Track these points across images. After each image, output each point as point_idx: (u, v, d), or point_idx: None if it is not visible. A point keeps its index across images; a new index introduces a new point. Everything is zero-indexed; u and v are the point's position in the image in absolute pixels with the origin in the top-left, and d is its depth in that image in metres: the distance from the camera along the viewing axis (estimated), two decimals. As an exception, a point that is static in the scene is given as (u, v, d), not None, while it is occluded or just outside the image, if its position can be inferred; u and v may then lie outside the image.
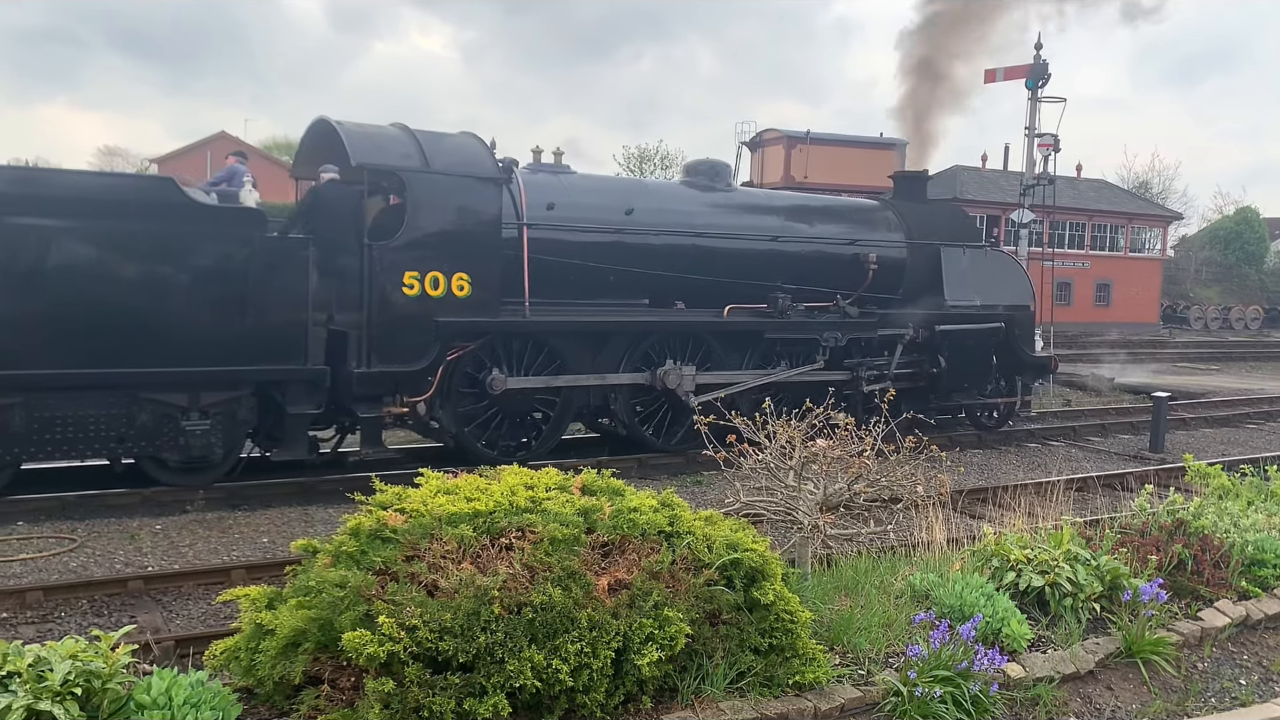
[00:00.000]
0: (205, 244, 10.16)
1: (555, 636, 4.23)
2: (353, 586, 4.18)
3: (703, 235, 13.62)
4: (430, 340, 11.27)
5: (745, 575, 4.87)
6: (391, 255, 11.05)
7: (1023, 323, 16.37)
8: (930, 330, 15.22)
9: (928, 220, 16.19)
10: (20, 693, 3.53)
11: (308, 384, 10.76)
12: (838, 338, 14.40)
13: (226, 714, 3.87)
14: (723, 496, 10.12)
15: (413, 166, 11.26)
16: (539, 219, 12.29)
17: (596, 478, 5.33)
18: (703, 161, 15.08)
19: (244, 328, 10.34)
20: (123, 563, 8.72)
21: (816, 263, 14.71)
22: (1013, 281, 16.68)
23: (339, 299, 10.91)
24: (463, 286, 11.44)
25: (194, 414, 10.27)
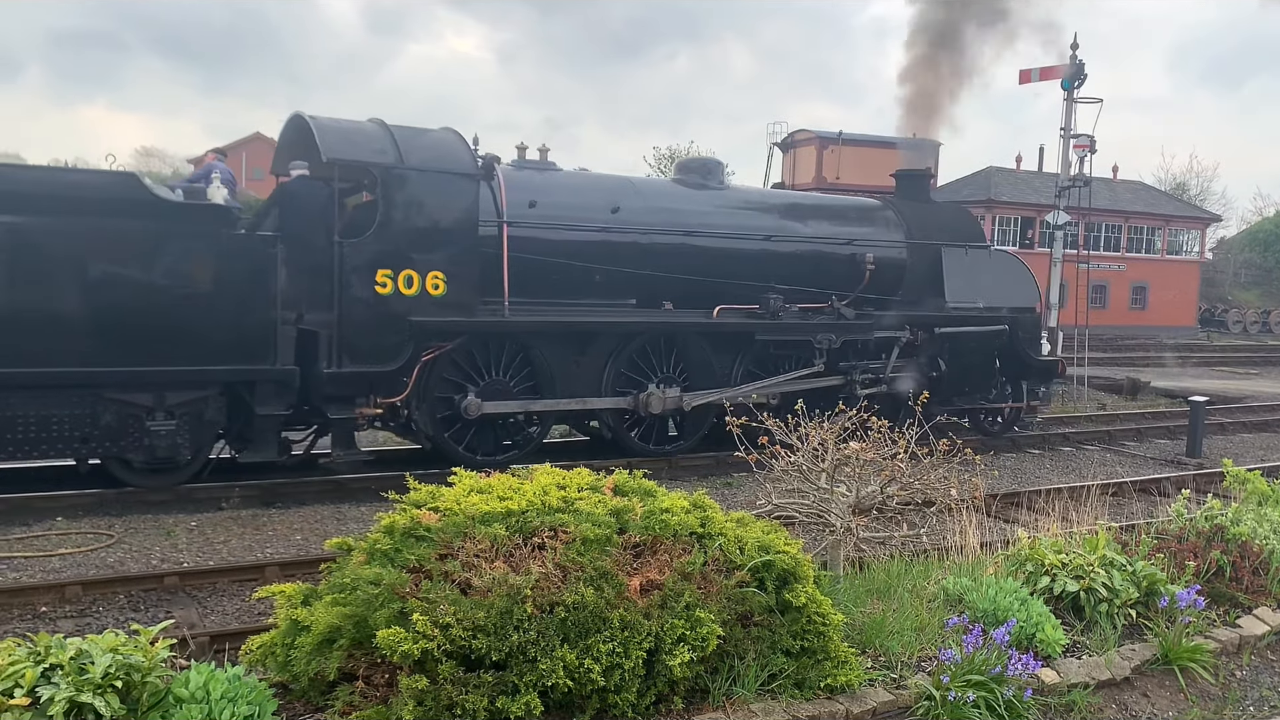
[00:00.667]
0: (169, 241, 9.95)
1: (587, 636, 4.24)
2: (387, 584, 4.21)
3: (692, 234, 13.32)
4: (404, 340, 11.03)
5: (777, 577, 4.86)
6: (363, 252, 10.81)
7: (1028, 325, 15.97)
8: (929, 333, 14.85)
9: (929, 220, 15.80)
10: (63, 685, 3.59)
11: (276, 384, 10.54)
12: (832, 339, 14.03)
13: (262, 709, 3.91)
14: (753, 498, 10.10)
15: (386, 162, 10.99)
16: (520, 217, 12.03)
17: (628, 478, 5.33)
18: (695, 159, 14.78)
19: (210, 326, 10.15)
20: (159, 558, 8.82)
21: (811, 263, 14.38)
22: (1018, 283, 16.23)
23: (309, 297, 10.67)
24: (438, 285, 11.18)
25: (159, 414, 10.06)
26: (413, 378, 11.27)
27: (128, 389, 9.93)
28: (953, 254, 15.53)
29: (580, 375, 12.55)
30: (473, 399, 11.72)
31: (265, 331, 10.44)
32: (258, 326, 10.40)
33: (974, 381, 15.15)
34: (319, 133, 10.87)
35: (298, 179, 11.00)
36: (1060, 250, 22.34)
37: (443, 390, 11.77)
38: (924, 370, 14.71)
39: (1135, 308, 47.36)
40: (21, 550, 8.81)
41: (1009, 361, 15.77)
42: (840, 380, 14.20)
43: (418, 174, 11.10)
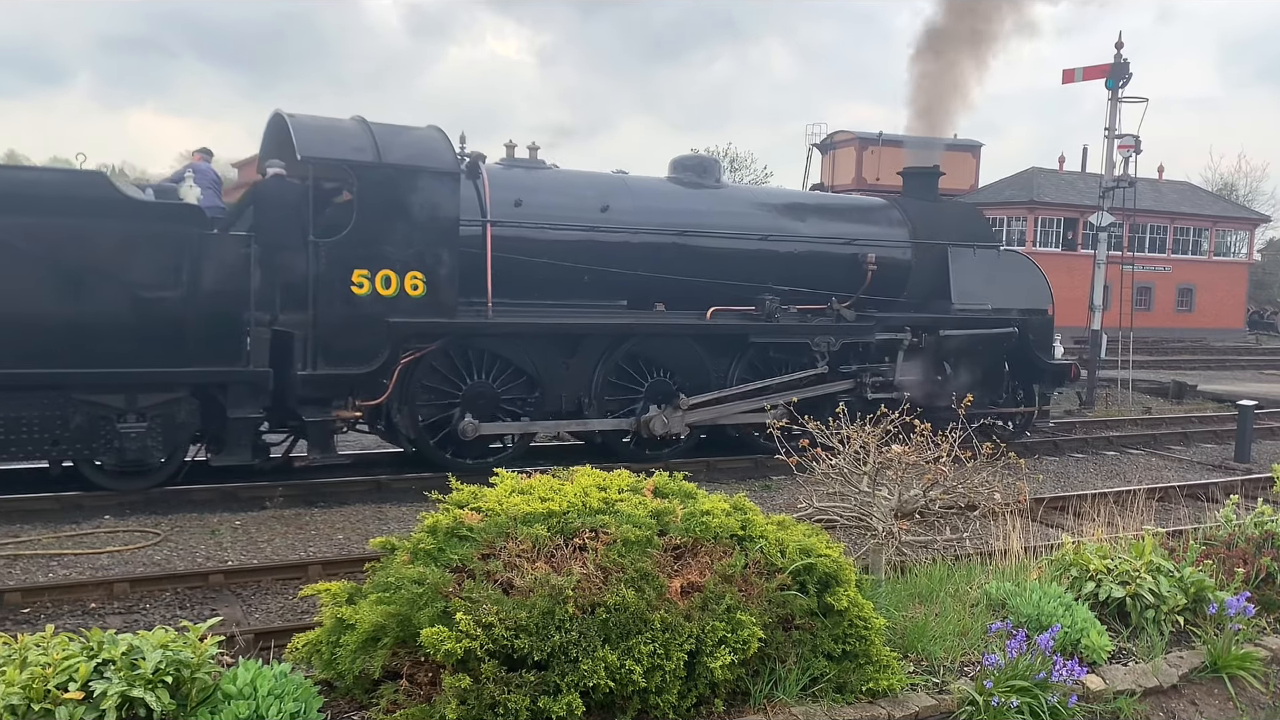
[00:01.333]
0: (139, 240, 9.83)
1: (628, 637, 4.25)
2: (431, 583, 4.24)
3: (685, 233, 13.05)
4: (381, 342, 10.83)
5: (819, 581, 4.84)
6: (339, 252, 10.62)
7: (1039, 327, 15.52)
8: (935, 335, 14.45)
9: (936, 219, 15.42)
10: (115, 680, 3.65)
11: (249, 386, 10.38)
12: (831, 342, 13.69)
13: (308, 706, 3.96)
14: (793, 501, 10.07)
15: (362, 160, 10.77)
16: (505, 216, 11.84)
17: (668, 480, 5.34)
18: (690, 157, 14.43)
19: (181, 327, 10.02)
20: (204, 556, 8.96)
21: (810, 263, 14.06)
22: (1028, 284, 15.80)
23: (283, 298, 10.53)
24: (417, 286, 10.97)
25: (130, 416, 9.93)
26: (393, 380, 11.08)
27: (97, 390, 9.80)
28: (960, 254, 15.16)
29: (569, 378, 12.33)
30: (470, 421, 11.58)
31: (237, 332, 10.28)
32: (230, 327, 10.25)
33: (981, 385, 14.55)
34: (295, 131, 10.70)
35: (272, 178, 10.87)
36: (1104, 252, 22.05)
37: (425, 393, 11.62)
38: (930, 374, 14.38)
39: (1181, 310, 46.66)
40: (72, 548, 8.99)
41: (1019, 365, 15.37)
42: (850, 384, 13.91)
43: (396, 172, 10.88)
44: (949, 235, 15.28)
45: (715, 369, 13.18)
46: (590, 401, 12.46)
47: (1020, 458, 6.77)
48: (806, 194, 17.98)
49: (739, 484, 12.39)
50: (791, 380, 13.51)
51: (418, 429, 11.59)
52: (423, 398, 11.59)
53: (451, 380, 11.76)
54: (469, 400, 11.73)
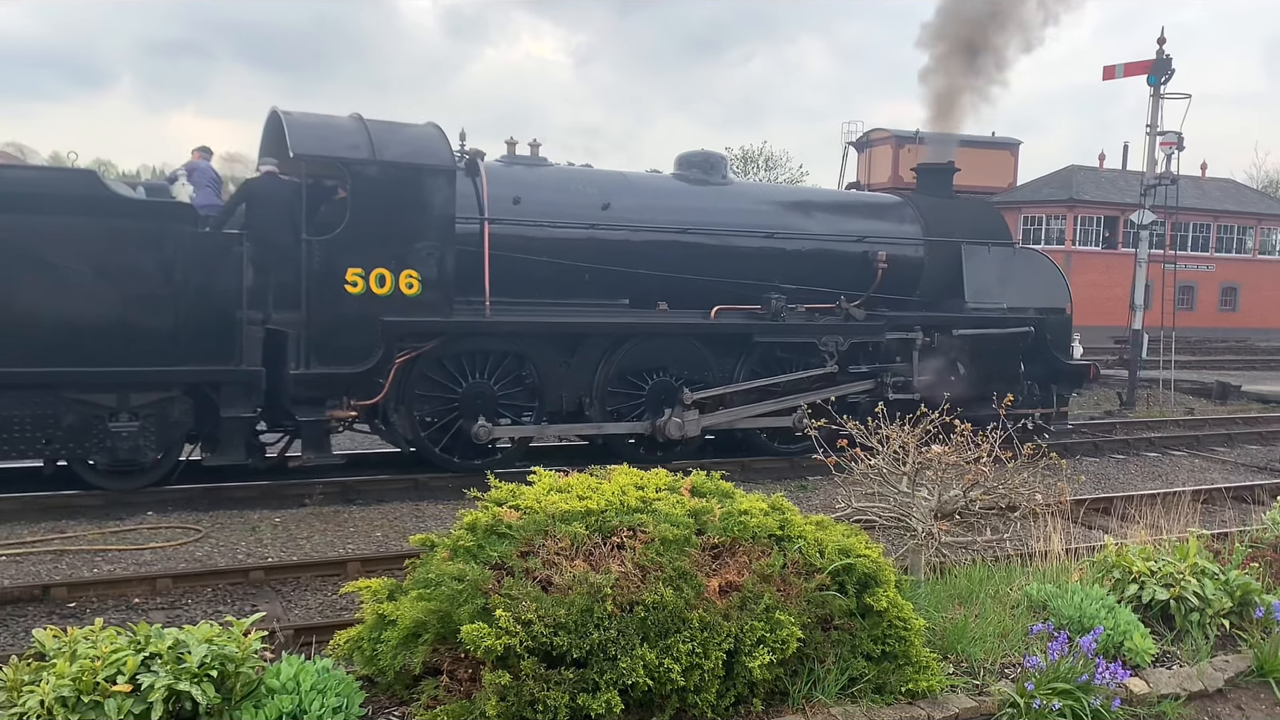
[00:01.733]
0: (130, 238, 9.81)
1: (667, 636, 4.25)
2: (470, 580, 4.26)
3: (688, 231, 12.85)
4: (375, 341, 10.73)
5: (858, 581, 4.81)
6: (332, 250, 10.53)
7: (1057, 327, 15.18)
8: (947, 335, 14.12)
9: (950, 216, 15.05)
10: (161, 673, 3.71)
11: (243, 386, 10.34)
12: (839, 342, 13.36)
13: (350, 701, 3.99)
14: (829, 501, 10.03)
15: (356, 157, 10.68)
16: (503, 214, 11.72)
17: (706, 479, 5.33)
18: (696, 153, 14.11)
19: (173, 326, 9.98)
20: (244, 553, 9.07)
21: (818, 261, 13.80)
22: (1046, 283, 15.45)
23: (276, 297, 10.47)
24: (411, 284, 10.83)
25: (123, 415, 9.91)
26: (389, 379, 10.99)
27: (89, 389, 9.80)
28: (974, 252, 14.82)
29: (570, 378, 12.17)
30: (483, 424, 11.47)
31: (230, 331, 10.25)
32: (222, 326, 10.21)
33: (996, 386, 14.00)
34: (289, 128, 10.64)
35: (264, 176, 10.87)
36: (1145, 251, 21.75)
37: (423, 393, 11.50)
38: (944, 374, 14.04)
39: (1225, 309, 45.95)
40: (116, 543, 9.13)
41: (1036, 365, 14.96)
42: (871, 384, 13.66)
43: (390, 169, 10.76)
44: (963, 232, 14.93)
45: (720, 369, 12.97)
46: (592, 402, 12.29)
47: (1061, 458, 6.68)
48: (815, 190, 17.61)
49: (775, 484, 12.34)
50: (805, 378, 13.31)
51: (415, 429, 11.50)
52: (420, 397, 11.47)
53: (450, 380, 11.63)
54: (467, 400, 11.60)
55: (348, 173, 10.66)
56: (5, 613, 7.34)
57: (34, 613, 7.36)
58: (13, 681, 3.75)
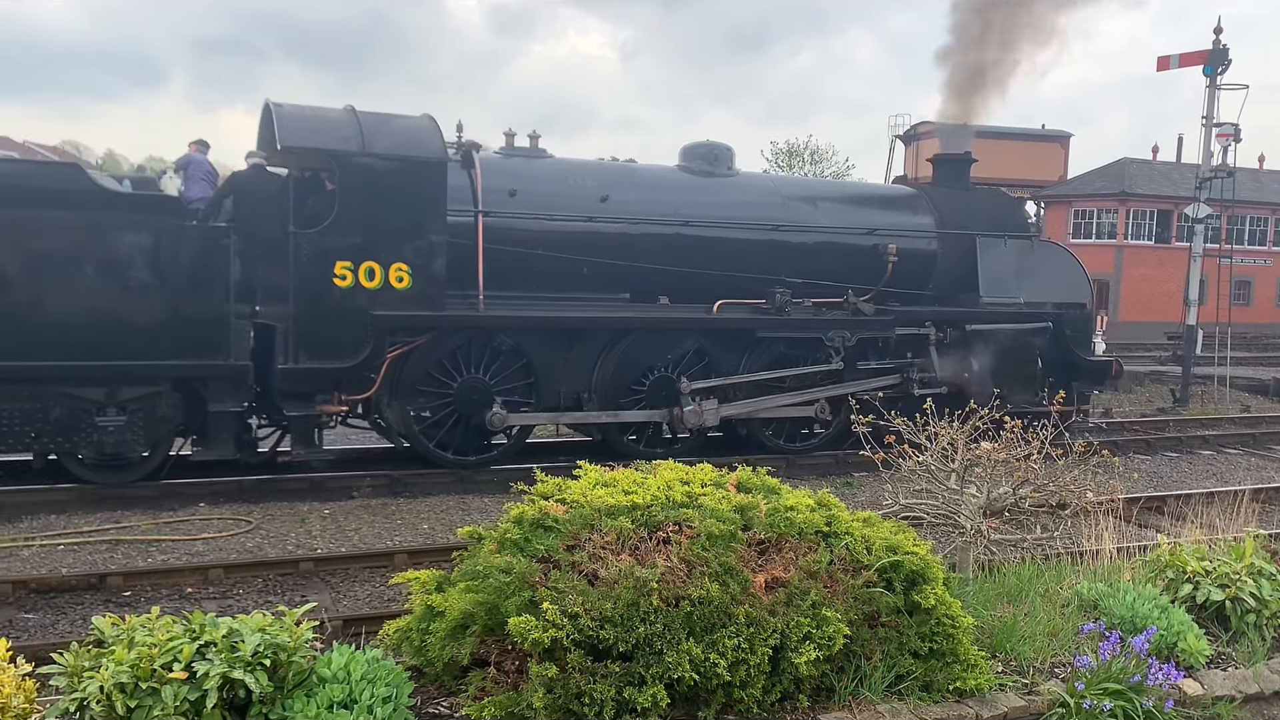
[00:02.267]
0: (115, 232, 9.74)
1: (713, 631, 4.26)
2: (518, 573, 4.30)
3: (690, 224, 12.57)
4: (365, 335, 10.55)
5: (905, 578, 4.78)
6: (320, 243, 10.37)
7: (1076, 322, 14.62)
8: (960, 330, 13.70)
9: (965, 208, 14.59)
10: (216, 661, 3.78)
11: (230, 380, 10.24)
12: (846, 337, 12.95)
13: (399, 691, 4.04)
14: (875, 498, 9.97)
15: (345, 149, 10.50)
16: (499, 206, 11.48)
17: (751, 475, 5.32)
18: (700, 144, 13.75)
19: (160, 320, 9.90)
20: (294, 544, 9.20)
21: (826, 254, 13.40)
22: (1065, 277, 14.85)
23: (264, 290, 10.35)
24: (402, 278, 10.64)
25: (111, 409, 9.85)
26: (380, 374, 10.85)
27: (76, 384, 9.77)
28: (990, 245, 14.30)
29: (568, 372, 11.93)
30: (498, 411, 11.29)
31: (218, 325, 10.15)
32: (209, 320, 10.12)
33: (1011, 383, 13.49)
34: (278, 120, 10.54)
35: (251, 168, 10.82)
36: (1200, 245, 21.33)
37: (417, 387, 11.33)
38: (956, 371, 13.61)
39: (1283, 305, 44.91)
40: (170, 534, 9.30)
41: (1055, 361, 14.41)
42: (897, 379, 13.32)
43: (380, 161, 10.58)
44: (979, 225, 14.44)
45: (724, 365, 12.64)
46: (590, 397, 12.07)
47: (1113, 456, 6.58)
48: (826, 182, 17.16)
49: (821, 480, 12.27)
50: (813, 374, 13.00)
51: (408, 424, 11.33)
52: (414, 392, 11.30)
53: (444, 375, 11.44)
54: (463, 395, 11.41)
55: (336, 164, 10.55)
56: (64, 600, 7.51)
57: (91, 600, 7.52)
58: (74, 667, 3.84)
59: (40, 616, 7.23)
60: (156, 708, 3.69)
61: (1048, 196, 40.57)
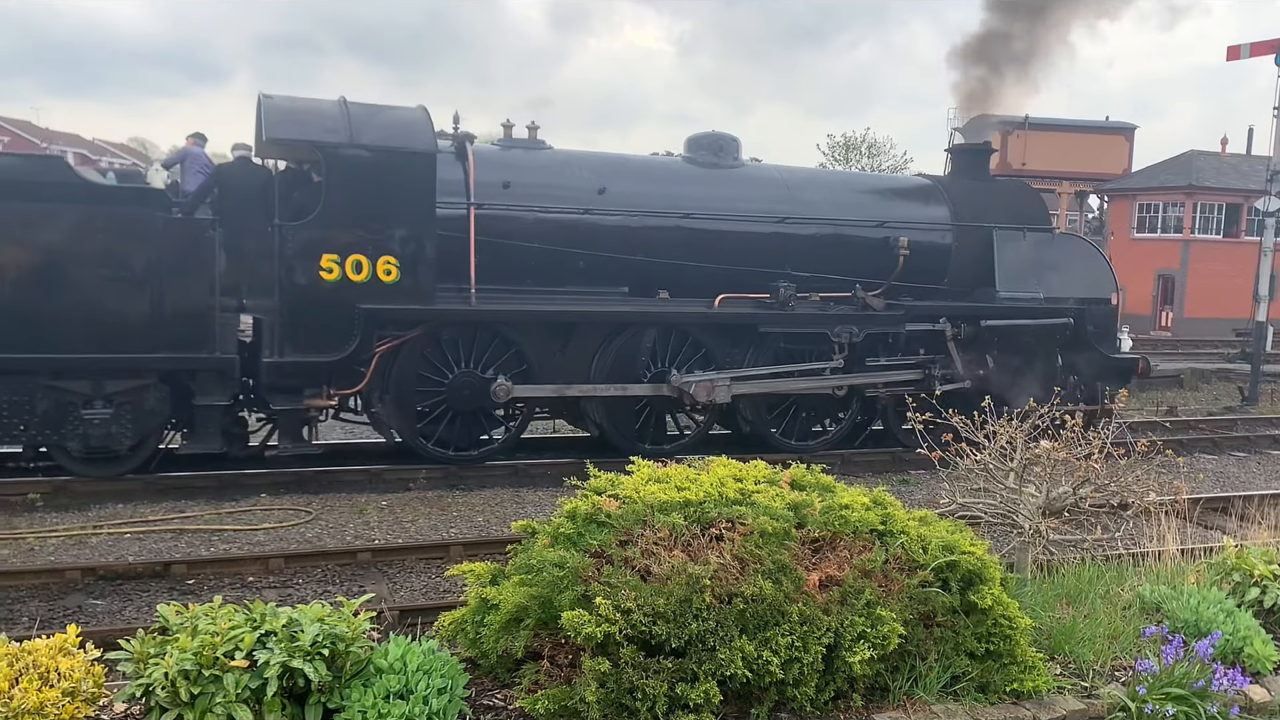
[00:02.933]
0: (99, 224, 9.73)
1: (766, 628, 4.25)
2: (571, 567, 4.32)
3: (691, 216, 12.27)
4: (351, 329, 10.43)
5: (961, 578, 4.72)
6: (306, 236, 10.28)
7: (1100, 318, 14.01)
8: (975, 326, 13.22)
9: (982, 200, 14.10)
10: (276, 650, 3.85)
11: (217, 373, 10.21)
12: (853, 332, 12.56)
13: (455, 683, 4.08)
14: (932, 496, 9.87)
15: (330, 140, 10.38)
16: (492, 199, 11.33)
17: (806, 473, 5.29)
18: (705, 135, 13.39)
19: (145, 313, 9.89)
20: (353, 535, 9.35)
21: (834, 247, 13.02)
22: (1088, 271, 14.25)
23: (250, 283, 10.31)
24: (390, 270, 10.51)
25: (97, 402, 9.86)
26: (370, 368, 10.78)
27: (63, 376, 9.79)
28: (1007, 238, 13.80)
29: (564, 368, 11.74)
30: (502, 382, 11.13)
31: (203, 318, 10.12)
32: (195, 313, 10.08)
33: (1029, 380, 13.01)
34: (264, 113, 10.51)
35: (237, 160, 10.72)
36: (1271, 239, 20.75)
37: (408, 382, 11.23)
38: (971, 368, 13.19)
39: (1358, 301, 43.55)
40: (231, 523, 9.49)
41: (1077, 359, 13.84)
42: (918, 375, 12.92)
43: (367, 152, 10.46)
44: (997, 217, 13.93)
45: (727, 360, 12.35)
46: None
47: (1177, 455, 6.44)
48: (836, 173, 16.51)
49: (876, 478, 12.17)
50: (817, 369, 12.66)
51: (401, 418, 11.25)
52: (406, 387, 11.20)
53: (437, 369, 11.32)
54: (455, 390, 11.28)
55: (321, 156, 10.46)
56: (130, 587, 7.71)
57: (156, 588, 7.72)
58: (140, 654, 3.94)
59: (108, 603, 7.44)
60: (219, 695, 3.77)
61: (1111, 190, 39.73)
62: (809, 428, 13.22)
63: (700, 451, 11.88)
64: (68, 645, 3.99)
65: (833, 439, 13.21)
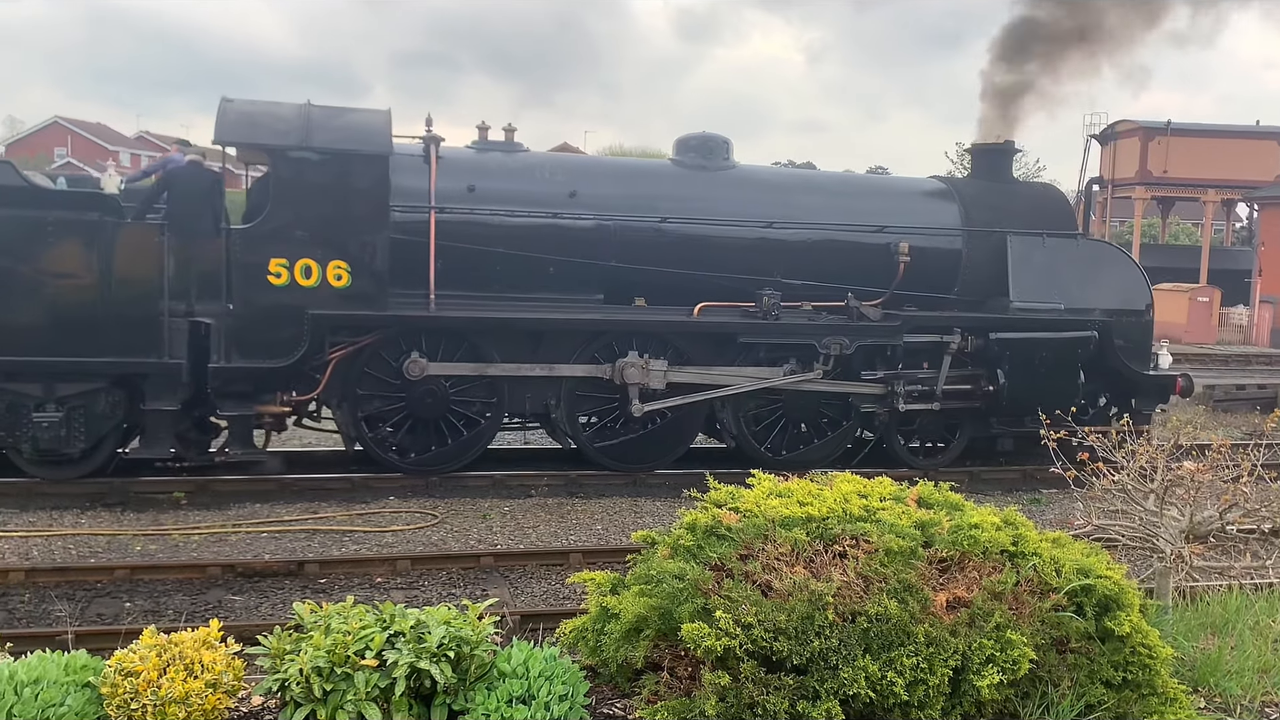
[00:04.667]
0: (48, 229, 9.71)
1: (890, 649, 4.16)
2: (691, 579, 4.32)
3: (669, 220, 11.65)
4: (300, 334, 10.18)
5: (1097, 603, 4.55)
6: (254, 240, 10.15)
7: (1131, 332, 12.82)
8: (984, 339, 12.19)
9: (999, 204, 13.07)
10: (404, 651, 3.96)
11: (167, 378, 10.08)
12: (844, 344, 11.69)
13: (575, 690, 4.12)
14: (1064, 517, 9.49)
15: (279, 144, 10.23)
16: (455, 203, 10.96)
17: (933, 490, 5.18)
18: (694, 135, 12.70)
19: (95, 317, 9.85)
20: (476, 539, 9.53)
21: (828, 254, 12.20)
22: (1118, 280, 13.03)
23: (199, 288, 10.15)
24: (340, 275, 10.26)
25: (49, 405, 9.83)
26: (326, 375, 10.56)
27: (14, 379, 9.82)
28: (1024, 244, 12.70)
29: (534, 378, 11.28)
30: (416, 358, 10.68)
31: (152, 323, 10.01)
32: (144, 317, 10.00)
33: (1047, 398, 11.68)
34: (219, 115, 10.38)
35: (186, 164, 10.72)
36: None
37: (368, 389, 10.93)
38: (980, 384, 12.27)
39: None
40: (361, 525, 9.79)
41: (1103, 375, 12.73)
42: (879, 390, 11.99)
43: (317, 156, 10.25)
44: (1015, 221, 12.89)
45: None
46: (559, 404, 11.41)
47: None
48: (837, 175, 15.21)
49: (1006, 496, 11.79)
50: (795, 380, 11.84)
51: (359, 426, 10.97)
52: (364, 394, 10.91)
53: (397, 376, 10.93)
54: (415, 398, 10.93)
55: (270, 159, 10.38)
56: (267, 584, 8.03)
57: (290, 585, 8.02)
58: (276, 649, 4.10)
59: (245, 599, 7.76)
60: (349, 692, 3.90)
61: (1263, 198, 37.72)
62: (799, 444, 12.35)
63: (683, 465, 11.76)
64: (211, 639, 4.17)
65: (820, 454, 12.22)
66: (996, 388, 12.08)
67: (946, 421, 12.46)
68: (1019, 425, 12.33)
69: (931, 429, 12.51)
